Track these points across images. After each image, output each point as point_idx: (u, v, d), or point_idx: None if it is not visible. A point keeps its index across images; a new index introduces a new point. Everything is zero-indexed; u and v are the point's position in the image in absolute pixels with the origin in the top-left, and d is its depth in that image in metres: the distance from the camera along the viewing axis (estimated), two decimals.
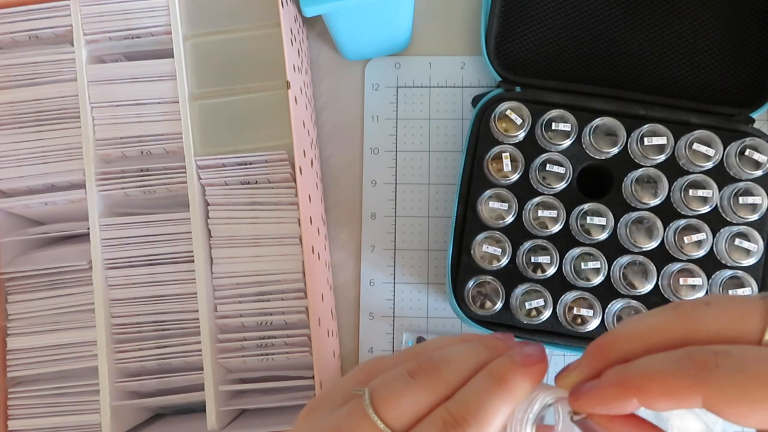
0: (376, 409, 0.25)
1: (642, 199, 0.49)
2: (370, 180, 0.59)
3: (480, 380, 0.25)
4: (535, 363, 0.25)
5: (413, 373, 0.25)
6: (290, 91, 0.46)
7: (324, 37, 0.60)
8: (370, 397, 0.25)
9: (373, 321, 0.57)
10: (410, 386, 0.25)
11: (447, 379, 0.25)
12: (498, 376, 0.25)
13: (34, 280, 0.49)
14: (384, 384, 0.26)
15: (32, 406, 0.48)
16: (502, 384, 0.24)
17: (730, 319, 0.22)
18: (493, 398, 0.24)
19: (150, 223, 0.48)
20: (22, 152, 0.48)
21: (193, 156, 0.47)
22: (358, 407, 0.25)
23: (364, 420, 0.24)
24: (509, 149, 0.50)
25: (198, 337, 0.47)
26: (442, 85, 0.59)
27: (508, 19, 0.56)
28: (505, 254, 0.50)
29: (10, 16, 0.48)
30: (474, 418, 0.24)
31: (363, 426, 0.24)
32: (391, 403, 0.25)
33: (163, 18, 0.48)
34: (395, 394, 0.25)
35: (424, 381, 0.25)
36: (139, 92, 0.48)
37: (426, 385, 0.25)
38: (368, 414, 0.24)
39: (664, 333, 0.23)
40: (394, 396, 0.25)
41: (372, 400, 0.25)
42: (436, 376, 0.25)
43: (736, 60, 0.55)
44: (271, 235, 0.48)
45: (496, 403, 0.24)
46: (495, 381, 0.24)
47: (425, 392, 0.25)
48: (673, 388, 0.22)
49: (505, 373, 0.25)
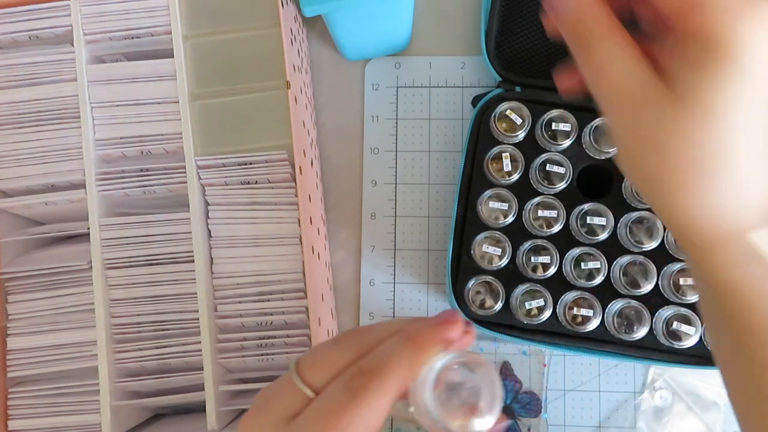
0: (300, 372, 0.27)
1: (642, 199, 0.49)
2: (370, 180, 0.59)
3: (392, 340, 0.26)
4: (445, 324, 0.26)
5: (338, 340, 0.28)
6: (290, 91, 0.46)
7: (324, 37, 0.60)
8: (296, 364, 0.27)
9: (373, 321, 0.57)
10: (331, 349, 0.27)
11: (366, 342, 0.27)
12: (407, 334, 0.26)
13: (34, 280, 0.49)
14: (310, 352, 0.28)
15: (32, 406, 0.48)
16: (409, 341, 0.26)
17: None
18: (399, 353, 0.25)
19: (150, 223, 0.48)
20: (22, 152, 0.48)
21: (193, 156, 0.47)
22: (285, 375, 0.27)
23: (288, 383, 0.26)
24: (509, 149, 0.50)
25: (198, 337, 0.47)
26: (442, 85, 0.59)
27: (508, 19, 0.56)
28: (505, 254, 0.50)
29: (10, 16, 0.48)
30: (378, 371, 0.25)
31: (286, 389, 0.26)
32: (313, 365, 0.27)
33: (163, 18, 0.48)
34: (317, 357, 0.27)
35: (345, 345, 0.27)
36: (139, 92, 0.48)
37: (346, 348, 0.27)
38: (292, 377, 0.26)
39: None
40: (316, 359, 0.27)
41: (298, 366, 0.27)
42: (356, 339, 0.27)
43: None
44: (271, 235, 0.48)
45: (402, 358, 0.25)
46: (404, 339, 0.26)
47: (344, 354, 0.27)
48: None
49: (414, 331, 0.26)
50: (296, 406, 0.26)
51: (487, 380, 0.26)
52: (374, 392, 0.25)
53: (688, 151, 0.24)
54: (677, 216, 0.25)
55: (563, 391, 0.56)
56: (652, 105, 0.24)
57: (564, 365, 0.56)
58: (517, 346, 0.56)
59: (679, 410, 0.55)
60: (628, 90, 0.25)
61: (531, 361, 0.56)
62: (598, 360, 0.56)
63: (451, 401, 0.25)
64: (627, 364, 0.56)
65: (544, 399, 0.55)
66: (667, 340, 0.48)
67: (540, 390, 0.56)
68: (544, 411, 0.55)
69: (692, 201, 0.24)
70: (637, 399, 0.55)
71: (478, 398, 0.25)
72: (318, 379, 0.26)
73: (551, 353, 0.56)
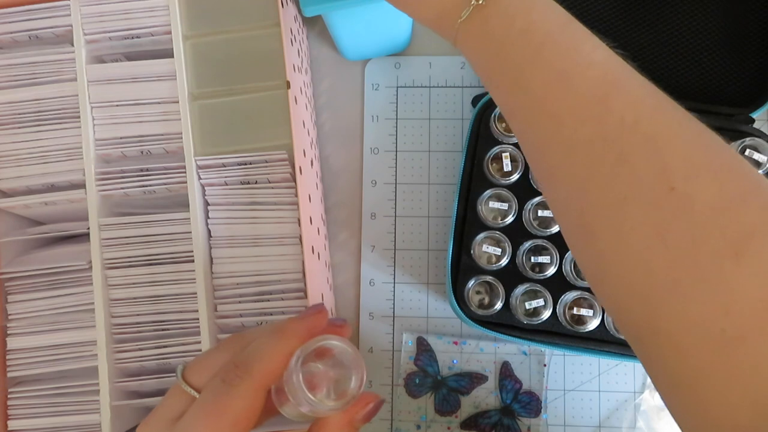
0: (185, 377, 0.30)
1: None
2: (370, 180, 0.59)
3: (261, 334, 0.29)
4: (309, 315, 0.30)
5: (218, 345, 0.31)
6: (290, 91, 0.46)
7: (324, 37, 0.60)
8: (182, 370, 0.30)
9: (373, 321, 0.57)
10: (212, 353, 0.31)
11: (244, 342, 0.30)
12: (273, 327, 0.29)
13: (34, 280, 0.49)
14: (195, 359, 0.31)
15: (32, 406, 0.48)
16: (275, 333, 0.29)
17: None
18: (266, 344, 0.29)
19: (150, 223, 0.48)
20: (22, 152, 0.48)
21: (193, 156, 0.47)
22: (174, 385, 0.30)
23: (176, 389, 0.30)
24: (509, 149, 0.50)
25: (198, 337, 0.47)
26: (442, 85, 0.59)
27: None
28: (505, 254, 0.50)
29: (10, 16, 0.48)
30: (247, 362, 0.28)
31: (173, 394, 0.30)
32: (196, 367, 0.30)
33: (163, 18, 0.48)
34: (200, 361, 0.30)
35: (224, 347, 0.30)
36: (139, 92, 0.48)
37: (225, 349, 0.30)
38: (178, 382, 0.30)
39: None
40: (199, 362, 0.30)
41: (184, 372, 0.30)
42: (235, 341, 0.30)
43: (736, 60, 0.55)
44: (271, 235, 0.48)
45: (268, 347, 0.28)
46: (273, 331, 0.29)
47: (224, 354, 0.30)
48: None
49: (280, 324, 0.29)
50: (182, 407, 0.29)
51: (350, 361, 0.28)
52: (245, 380, 0.27)
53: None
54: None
55: (563, 391, 0.56)
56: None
57: (564, 365, 0.56)
58: (517, 346, 0.56)
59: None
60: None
61: (531, 361, 0.56)
62: (598, 360, 0.56)
63: (320, 383, 0.28)
64: (627, 364, 0.56)
65: (544, 399, 0.55)
66: None
67: (540, 390, 0.56)
68: (544, 411, 0.55)
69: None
70: (637, 399, 0.55)
71: (344, 379, 0.28)
72: (200, 380, 0.29)
73: (551, 353, 0.56)
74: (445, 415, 0.56)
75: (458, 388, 0.56)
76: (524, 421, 0.55)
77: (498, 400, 0.56)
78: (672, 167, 0.26)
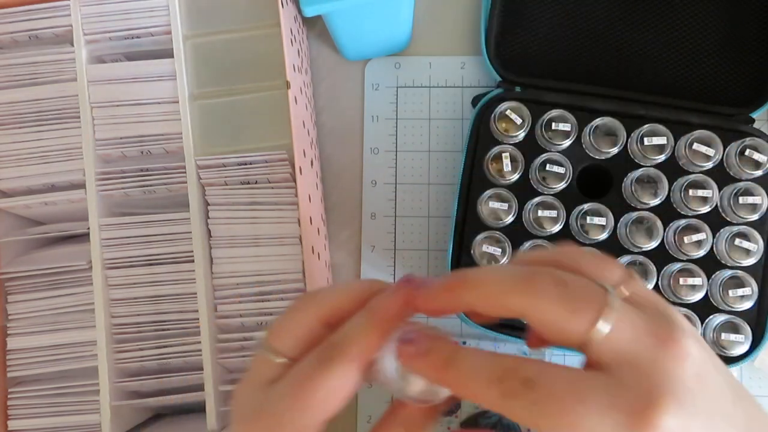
0: (270, 342, 0.30)
1: (642, 199, 0.49)
2: (370, 180, 0.59)
3: (358, 314, 0.29)
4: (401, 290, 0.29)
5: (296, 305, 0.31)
6: (290, 91, 0.46)
7: (324, 37, 0.60)
8: (266, 335, 0.30)
9: None
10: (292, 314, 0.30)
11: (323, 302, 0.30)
12: (369, 309, 0.29)
13: (34, 280, 0.49)
14: (276, 322, 0.31)
15: (32, 406, 0.48)
16: (371, 316, 0.29)
17: (564, 313, 0.26)
18: (362, 327, 0.29)
19: (150, 223, 0.48)
20: (22, 152, 0.48)
21: (193, 156, 0.47)
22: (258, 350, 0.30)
23: (260, 355, 0.30)
24: (509, 149, 0.50)
25: (198, 337, 0.47)
26: (442, 85, 0.59)
27: (508, 19, 0.56)
28: (505, 254, 0.50)
29: (10, 16, 0.48)
30: (343, 344, 0.28)
31: (259, 359, 0.30)
32: (278, 332, 0.30)
33: (163, 18, 0.48)
34: (281, 325, 0.30)
35: (302, 306, 0.30)
36: (139, 92, 0.48)
37: (304, 309, 0.30)
38: (263, 348, 0.30)
39: (505, 297, 0.27)
40: (281, 326, 0.30)
41: (268, 337, 0.30)
42: (311, 300, 0.31)
43: (736, 60, 0.55)
44: (271, 235, 0.48)
45: (364, 332, 0.28)
46: (367, 313, 0.29)
47: (303, 316, 0.30)
48: (501, 291, 0.27)
49: (375, 306, 0.29)
50: (272, 373, 0.29)
51: None
52: (339, 362, 0.28)
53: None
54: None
55: None
56: None
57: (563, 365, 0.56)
58: (517, 346, 0.56)
59: None
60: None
61: None
62: None
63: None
64: None
65: None
66: None
67: None
68: None
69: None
70: None
71: None
72: (284, 344, 0.30)
73: (551, 353, 0.56)
74: (445, 415, 0.56)
75: None
76: None
77: None
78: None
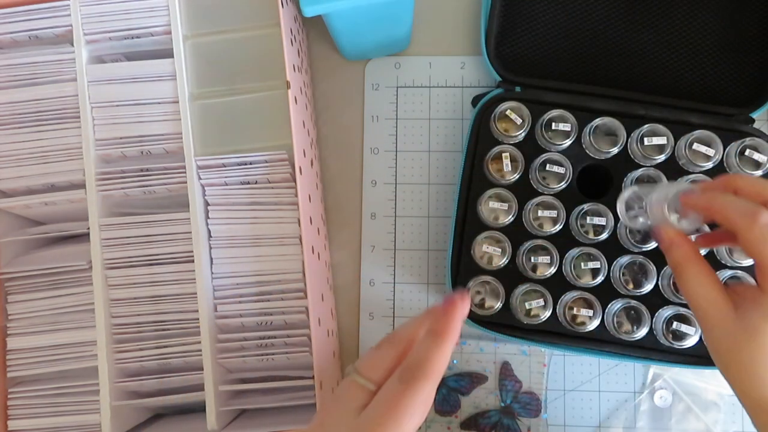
0: (360, 372, 0.36)
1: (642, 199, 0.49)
2: (370, 180, 0.59)
3: (423, 338, 0.36)
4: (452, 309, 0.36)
5: (380, 345, 0.37)
6: (290, 91, 0.46)
7: (324, 37, 0.60)
8: (356, 367, 0.36)
9: (373, 321, 0.58)
10: (377, 352, 0.37)
11: (400, 341, 0.37)
12: (432, 332, 0.35)
13: (34, 280, 0.49)
14: (363, 357, 0.37)
15: (32, 406, 0.48)
16: (435, 338, 0.35)
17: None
18: (431, 348, 0.35)
19: (150, 223, 0.48)
20: (22, 152, 0.48)
21: (193, 156, 0.47)
22: (347, 378, 0.36)
23: (352, 383, 0.36)
24: (509, 149, 0.50)
25: (198, 337, 0.47)
26: (442, 85, 0.59)
27: (508, 19, 0.56)
28: (505, 254, 0.50)
29: (10, 16, 0.48)
30: (420, 365, 0.34)
31: (351, 387, 0.35)
32: (368, 364, 0.36)
33: (163, 18, 0.48)
34: (370, 358, 0.36)
35: (387, 344, 0.37)
36: (139, 92, 0.48)
37: (389, 346, 0.37)
38: (354, 377, 0.36)
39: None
40: (370, 359, 0.36)
41: (358, 368, 0.36)
42: (393, 340, 0.37)
43: (736, 60, 0.55)
44: (271, 235, 0.48)
45: (434, 351, 0.35)
46: (431, 336, 0.35)
47: (389, 351, 0.36)
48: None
49: (436, 328, 0.35)
50: (363, 399, 0.35)
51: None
52: (420, 380, 0.34)
53: (742, 357, 0.36)
54: (744, 390, 0.37)
55: (563, 391, 0.56)
56: (723, 325, 0.37)
57: (564, 365, 0.56)
58: (517, 346, 0.56)
59: (679, 410, 0.55)
60: (707, 311, 0.37)
61: (531, 361, 0.56)
62: (598, 360, 0.56)
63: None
64: (627, 364, 0.56)
65: (544, 399, 0.55)
66: (667, 340, 0.48)
67: (540, 390, 0.56)
68: (544, 411, 0.55)
69: (747, 383, 0.37)
70: (637, 399, 0.55)
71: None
72: (374, 375, 0.35)
73: (551, 353, 0.56)
74: (445, 414, 0.56)
75: (458, 387, 0.56)
76: (524, 421, 0.55)
77: (498, 400, 0.56)
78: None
